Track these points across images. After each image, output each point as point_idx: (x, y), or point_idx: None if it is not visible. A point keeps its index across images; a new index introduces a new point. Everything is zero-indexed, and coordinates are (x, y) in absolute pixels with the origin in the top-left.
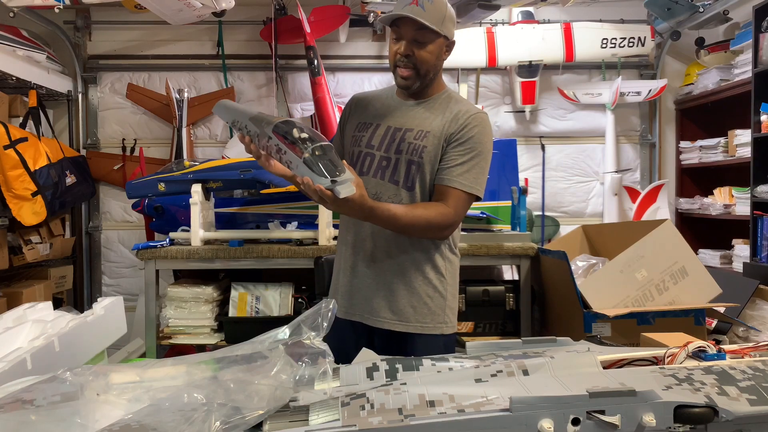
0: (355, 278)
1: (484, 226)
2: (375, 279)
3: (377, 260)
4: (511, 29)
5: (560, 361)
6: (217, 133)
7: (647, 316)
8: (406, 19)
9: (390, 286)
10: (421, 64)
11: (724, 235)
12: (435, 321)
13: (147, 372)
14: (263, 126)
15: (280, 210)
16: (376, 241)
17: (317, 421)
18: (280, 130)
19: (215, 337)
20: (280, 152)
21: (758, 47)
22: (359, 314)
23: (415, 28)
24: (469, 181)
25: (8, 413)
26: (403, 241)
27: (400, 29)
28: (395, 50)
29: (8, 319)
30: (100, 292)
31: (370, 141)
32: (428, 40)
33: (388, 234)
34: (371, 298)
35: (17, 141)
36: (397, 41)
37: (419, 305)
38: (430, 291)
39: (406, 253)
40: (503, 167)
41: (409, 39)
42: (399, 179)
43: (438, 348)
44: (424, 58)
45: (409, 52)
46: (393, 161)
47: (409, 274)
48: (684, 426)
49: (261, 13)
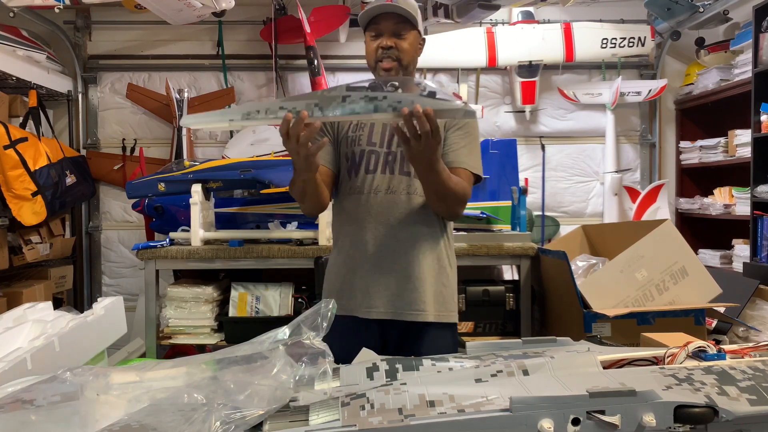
0: (373, 276)
1: (484, 226)
2: (398, 274)
3: (396, 255)
4: (511, 29)
5: (560, 361)
6: (217, 133)
7: (647, 316)
8: (387, 13)
9: (413, 279)
10: (403, 55)
11: (724, 235)
12: (448, 309)
13: (147, 372)
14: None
15: (280, 210)
16: (392, 237)
17: (317, 421)
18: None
19: (215, 337)
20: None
21: (758, 47)
22: (385, 311)
23: (395, 22)
24: (474, 162)
25: (8, 413)
26: (416, 235)
27: (379, 25)
28: (376, 46)
29: (8, 319)
30: (100, 292)
31: (371, 139)
32: (407, 33)
33: (402, 229)
34: (400, 293)
35: (17, 141)
36: (375, 38)
37: (437, 295)
38: (444, 280)
39: (422, 245)
40: (503, 167)
41: (390, 32)
42: (410, 170)
43: (451, 335)
44: (405, 49)
45: (392, 43)
46: (399, 154)
47: (427, 265)
48: (684, 426)
49: (261, 13)
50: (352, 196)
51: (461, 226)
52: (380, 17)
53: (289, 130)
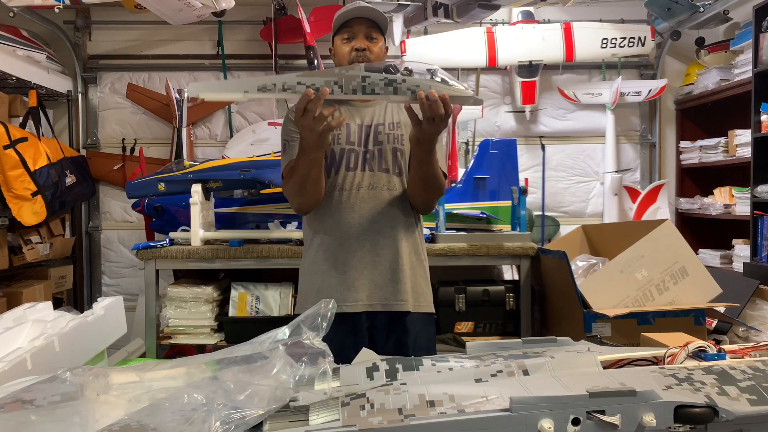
0: (357, 270)
1: (484, 226)
2: (382, 267)
3: (379, 249)
4: (511, 29)
5: (560, 361)
6: (217, 133)
7: (647, 316)
8: (359, 18)
9: (396, 271)
10: (375, 58)
11: (724, 235)
12: (427, 300)
13: (147, 372)
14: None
15: (280, 210)
16: (376, 232)
17: (317, 421)
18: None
19: (215, 337)
20: (394, 83)
21: (758, 47)
22: (370, 304)
23: (367, 26)
24: (443, 161)
25: (8, 413)
26: (397, 229)
27: (352, 28)
28: (350, 47)
29: (8, 319)
30: (100, 292)
31: (349, 138)
32: (378, 38)
33: (385, 224)
34: (383, 285)
35: (17, 141)
36: (348, 41)
37: (416, 286)
38: (422, 272)
39: (402, 239)
40: (503, 167)
41: (363, 35)
42: (388, 167)
43: (432, 324)
44: (376, 52)
45: (365, 45)
46: (377, 152)
47: (407, 258)
48: (684, 426)
49: (261, 13)
50: (334, 193)
51: (461, 226)
52: (353, 21)
53: (307, 105)
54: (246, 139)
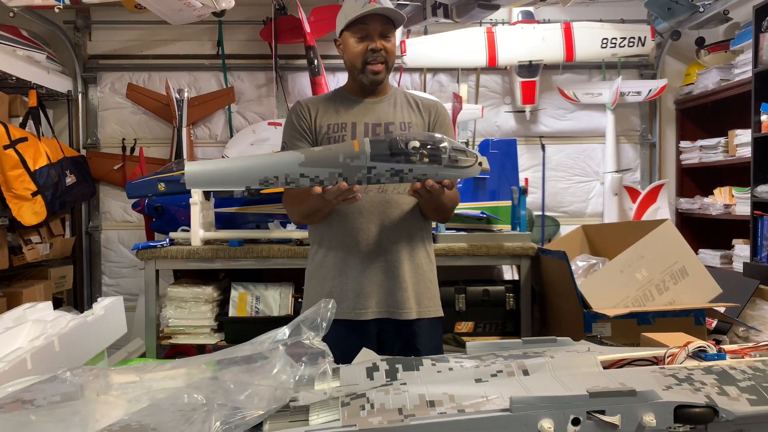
0: (366, 276)
1: (484, 226)
2: (393, 273)
3: (389, 254)
4: (511, 29)
5: (560, 361)
6: (217, 133)
7: (647, 316)
8: (374, 14)
9: (407, 278)
10: (389, 57)
11: (724, 235)
12: (436, 304)
13: (147, 372)
14: (348, 162)
15: (280, 210)
16: (385, 237)
17: (317, 421)
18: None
19: (215, 337)
20: (400, 173)
21: (758, 47)
22: (379, 311)
23: (382, 23)
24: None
25: (8, 413)
26: (408, 233)
27: (367, 26)
28: (364, 47)
29: (8, 319)
30: (100, 292)
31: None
32: (392, 34)
33: (394, 229)
34: (393, 291)
35: (17, 141)
36: (362, 40)
37: (426, 291)
38: (431, 276)
39: (413, 243)
40: (503, 167)
41: (378, 34)
42: None
43: (439, 329)
44: (391, 50)
45: (381, 46)
46: None
47: (417, 264)
48: (684, 426)
49: (261, 13)
50: None
51: (461, 226)
52: (368, 18)
53: (325, 195)
54: (246, 139)
